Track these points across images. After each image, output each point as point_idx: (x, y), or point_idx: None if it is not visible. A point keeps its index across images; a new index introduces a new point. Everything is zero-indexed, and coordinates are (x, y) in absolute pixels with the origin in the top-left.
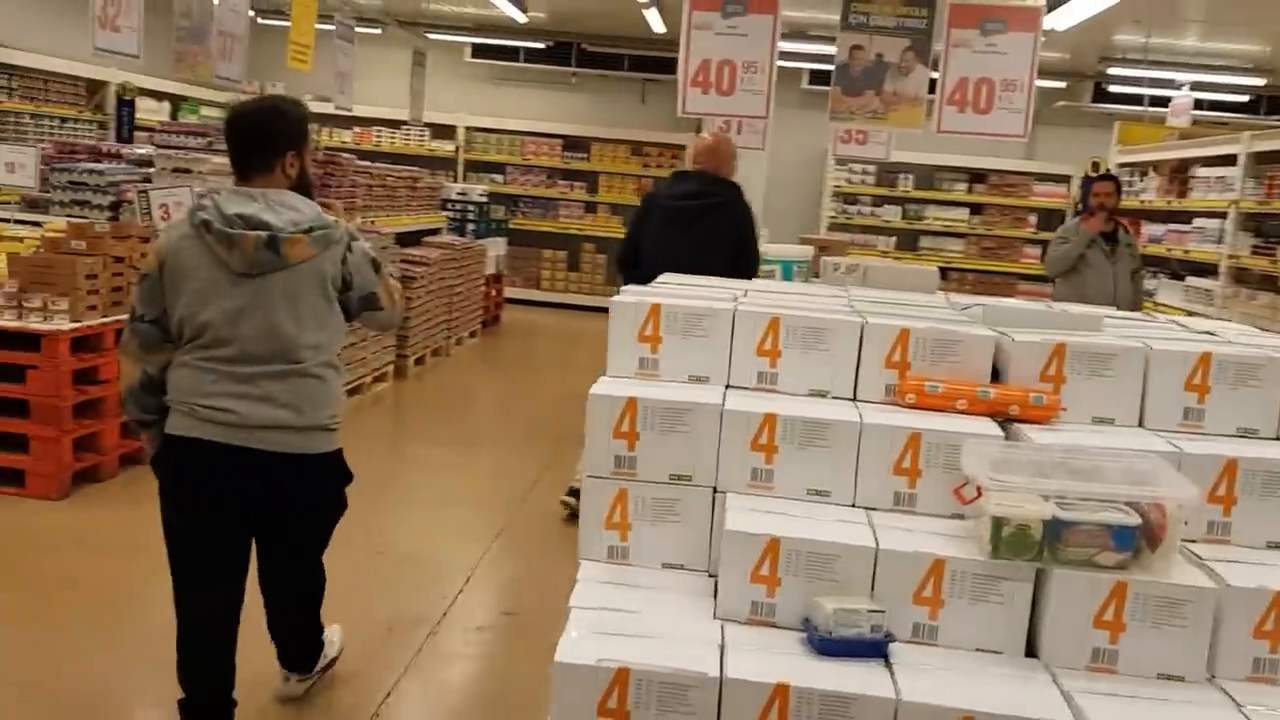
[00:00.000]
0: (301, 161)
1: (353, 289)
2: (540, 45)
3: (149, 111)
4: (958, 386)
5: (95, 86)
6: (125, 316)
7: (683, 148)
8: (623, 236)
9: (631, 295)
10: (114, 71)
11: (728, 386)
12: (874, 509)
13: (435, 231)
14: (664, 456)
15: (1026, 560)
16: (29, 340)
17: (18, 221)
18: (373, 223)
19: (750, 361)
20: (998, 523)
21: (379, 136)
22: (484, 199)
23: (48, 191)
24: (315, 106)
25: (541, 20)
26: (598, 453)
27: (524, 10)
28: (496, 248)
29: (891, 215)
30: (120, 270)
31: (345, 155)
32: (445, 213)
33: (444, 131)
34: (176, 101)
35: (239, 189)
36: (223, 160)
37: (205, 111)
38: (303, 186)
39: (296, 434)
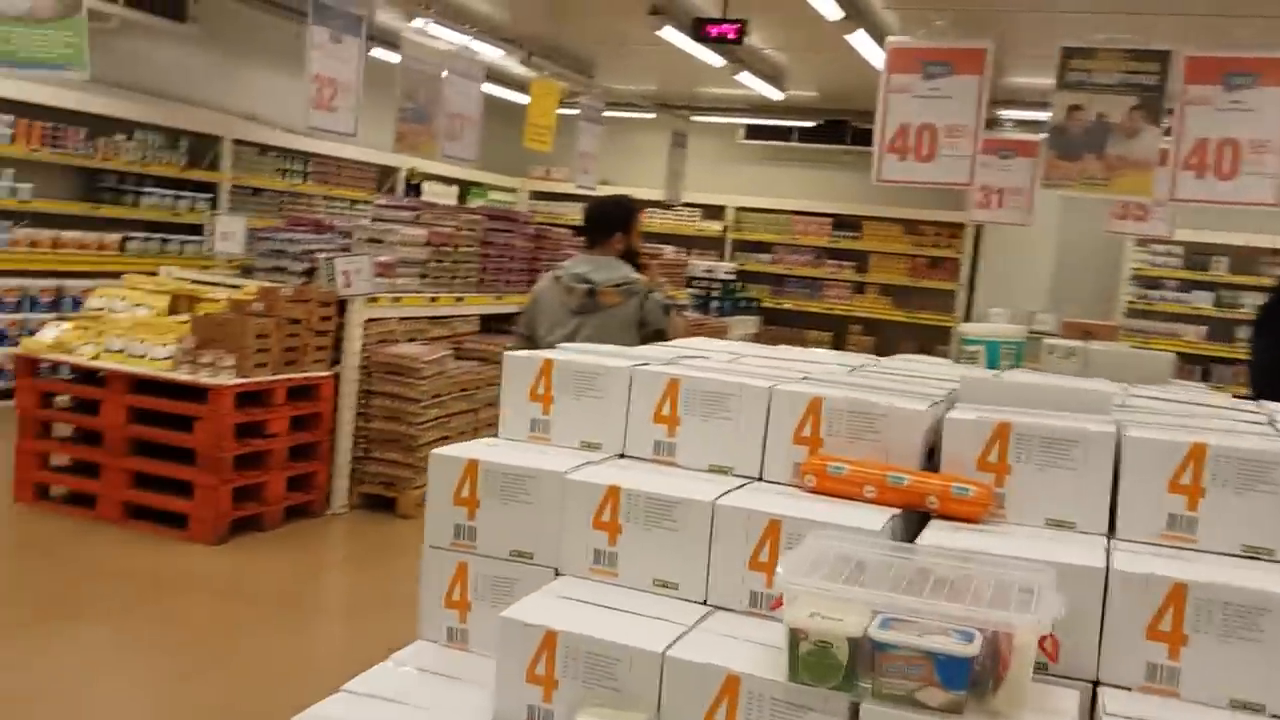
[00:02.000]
0: (627, 239)
1: (647, 325)
2: (811, 124)
3: (436, 195)
4: (867, 470)
5: (388, 172)
6: (298, 375)
7: (960, 226)
8: (892, 318)
9: (527, 351)
10: (405, 159)
11: (621, 456)
12: (726, 608)
13: (684, 307)
14: (505, 529)
15: (832, 688)
16: (198, 394)
17: (226, 285)
18: None
19: (646, 429)
20: (794, 636)
21: (649, 217)
22: (730, 276)
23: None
24: (604, 190)
25: (812, 99)
26: (438, 520)
27: (781, 89)
28: (744, 326)
29: (1202, 302)
30: (296, 332)
31: (559, 229)
32: (690, 290)
33: (714, 211)
34: (466, 186)
35: (585, 256)
36: (411, 232)
37: (495, 196)
38: (628, 256)
39: None
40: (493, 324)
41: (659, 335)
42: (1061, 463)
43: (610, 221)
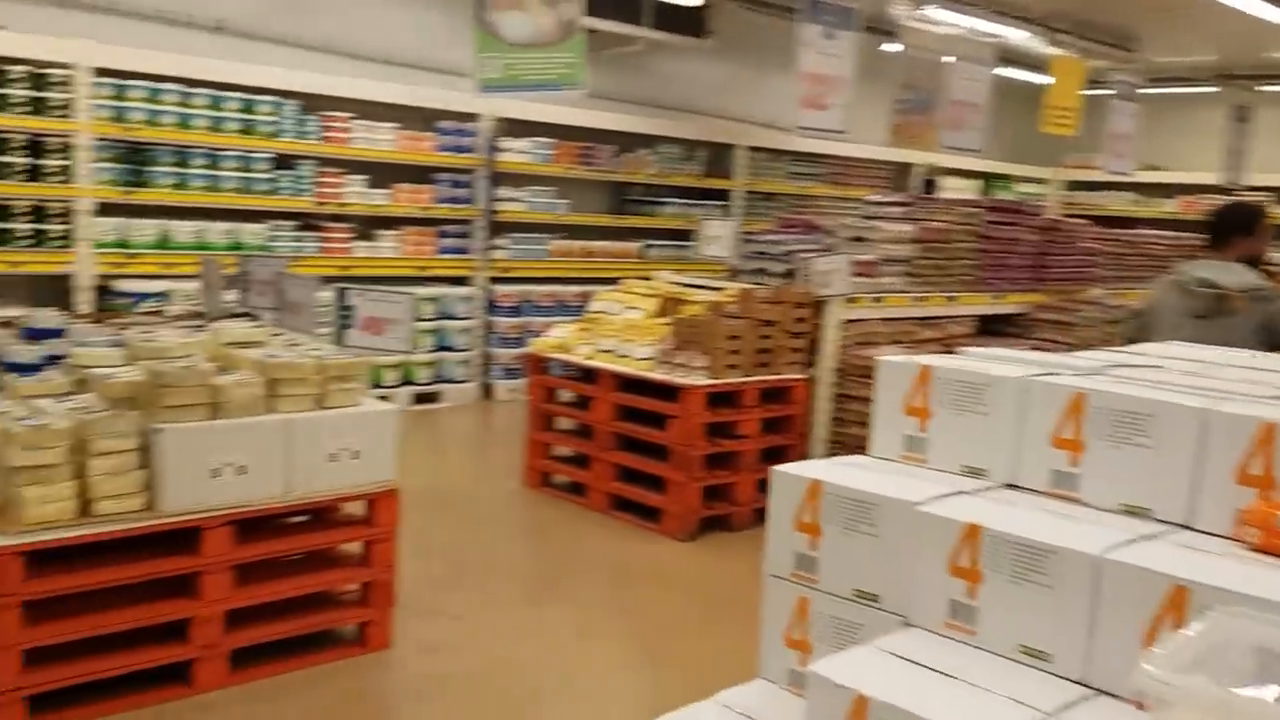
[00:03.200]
0: (1250, 243)
1: (1275, 334)
2: None
3: (955, 190)
4: None
5: (903, 170)
6: (770, 377)
7: None
8: None
9: (903, 356)
10: (920, 155)
11: (1009, 486)
12: (1109, 693)
13: None
14: (849, 563)
15: None
16: (673, 393)
17: (711, 288)
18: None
19: (1043, 454)
20: None
21: (1209, 204)
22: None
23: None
24: (1142, 175)
25: None
26: (778, 546)
27: None
28: None
29: None
30: (769, 334)
31: (1075, 220)
32: None
33: None
34: (989, 180)
35: (1205, 260)
36: (897, 228)
37: (1023, 190)
38: (1250, 260)
39: None
40: (993, 326)
41: None
42: None
43: (1230, 225)
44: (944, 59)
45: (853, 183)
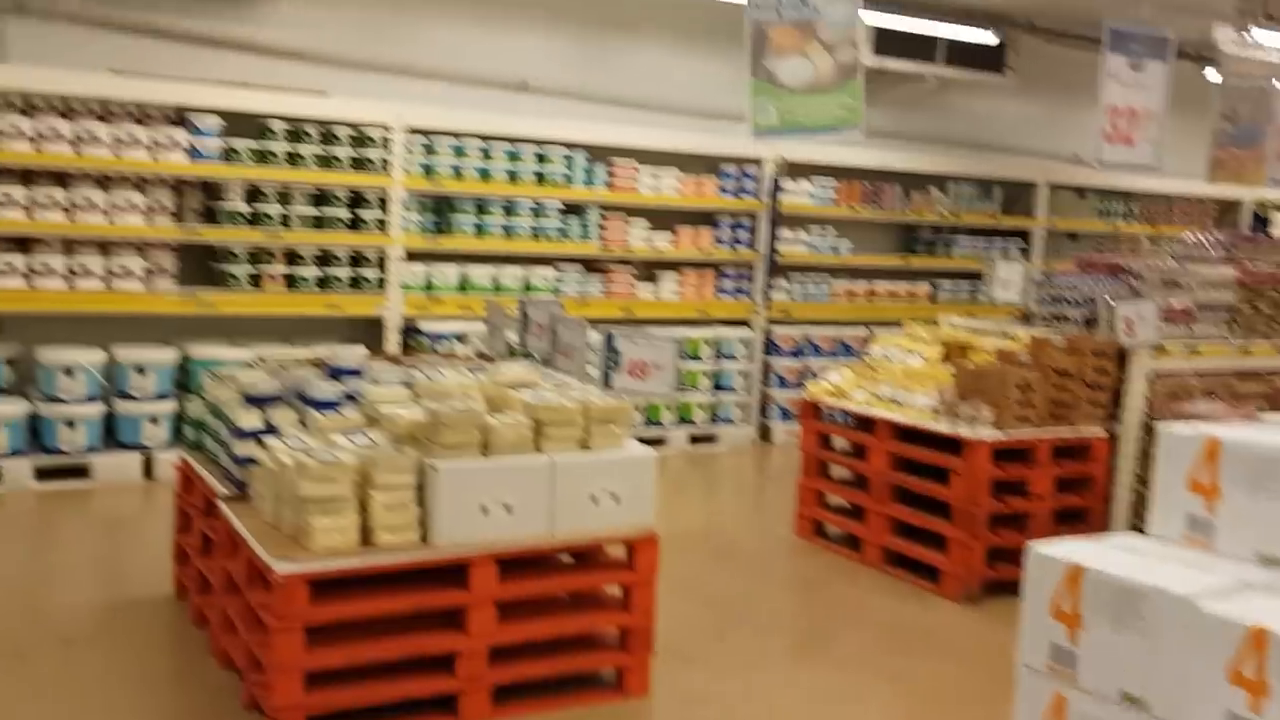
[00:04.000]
0: None
1: None
2: None
3: None
4: None
5: (1229, 206)
6: (1064, 431)
7: None
8: None
9: (1188, 425)
10: (1250, 190)
11: None
12: None
13: None
14: (1114, 661)
15: None
16: (956, 445)
17: (1001, 333)
18: None
19: None
20: None
21: None
22: None
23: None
24: None
25: None
26: (1034, 633)
27: None
28: None
29: None
30: (1065, 385)
31: None
32: None
33: None
34: None
35: None
36: (1215, 272)
37: None
38: None
39: None
40: None
41: None
42: None
43: None
44: (1272, 85)
45: (1172, 220)
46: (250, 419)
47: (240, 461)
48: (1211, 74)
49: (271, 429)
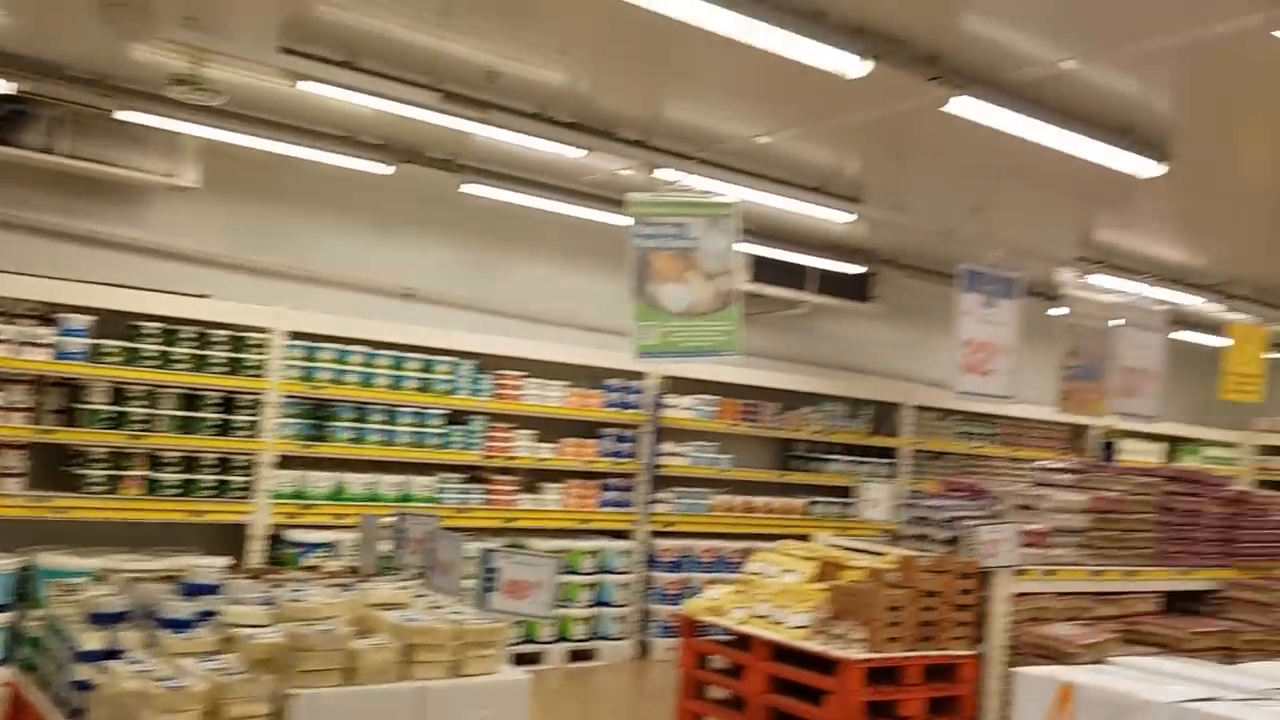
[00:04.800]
0: None
1: None
2: None
3: (1136, 454)
4: None
5: (1079, 430)
6: (935, 652)
7: None
8: None
9: (1041, 668)
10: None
11: None
12: None
13: None
14: None
15: None
16: (828, 665)
17: (872, 552)
18: None
19: None
20: None
21: None
22: None
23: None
24: None
25: None
26: None
27: None
28: None
29: None
30: (933, 605)
31: (1266, 493)
32: None
33: None
34: (1175, 443)
35: None
36: (1068, 497)
37: (1212, 454)
38: None
39: None
40: (1181, 603)
41: None
42: None
43: None
44: (1112, 324)
45: (1027, 443)
46: (93, 639)
47: (79, 686)
48: (1062, 309)
49: (116, 651)
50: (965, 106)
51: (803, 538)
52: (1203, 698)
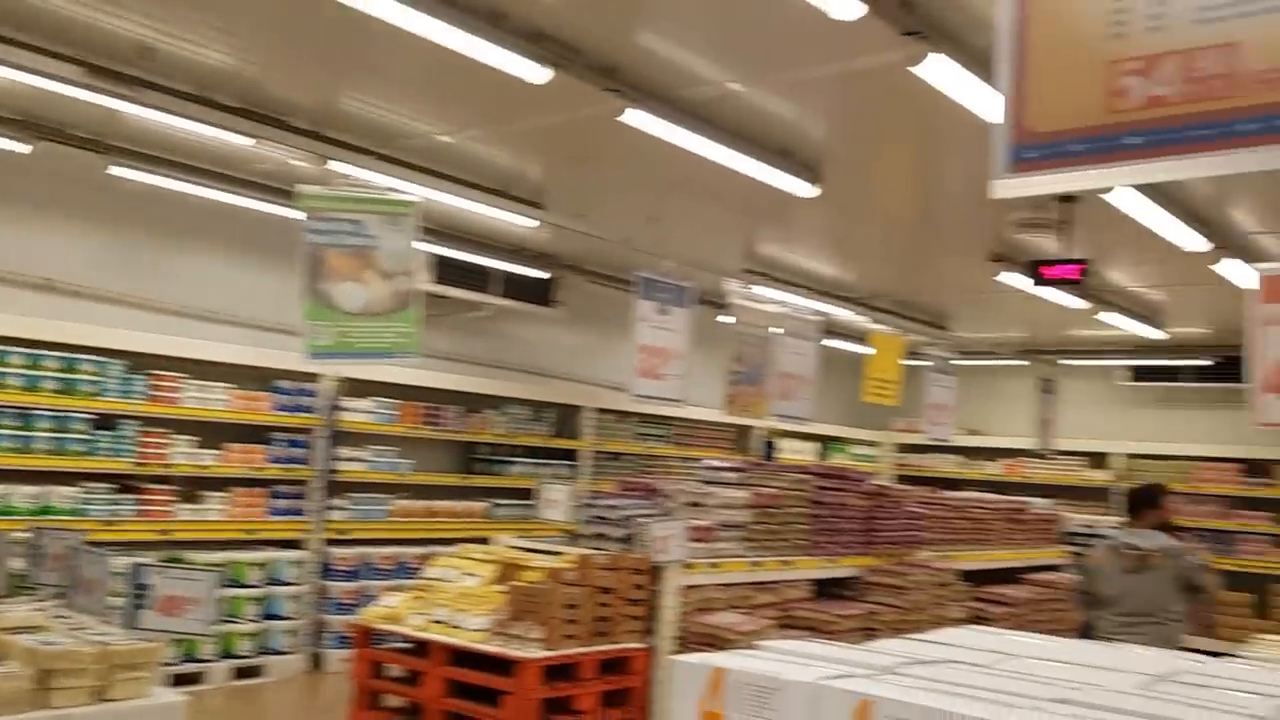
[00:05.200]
0: (1159, 514)
1: (1189, 582)
2: (1205, 362)
3: (795, 452)
4: None
5: (745, 431)
6: (609, 647)
7: None
8: None
9: (695, 655)
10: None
11: None
12: None
13: (1055, 567)
14: None
15: None
16: (506, 666)
17: (551, 552)
18: (944, 556)
19: None
20: None
21: (1028, 468)
22: (1115, 530)
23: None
24: (962, 440)
25: (1204, 335)
26: None
27: (1161, 328)
28: None
29: None
30: (608, 601)
31: (901, 487)
32: (1070, 547)
33: (1098, 459)
34: (827, 442)
35: (1129, 529)
36: (731, 494)
37: (857, 451)
38: (1163, 527)
39: None
40: (830, 589)
41: (1198, 590)
42: None
43: (1143, 501)
44: (772, 332)
45: (698, 444)
46: None
47: None
48: (729, 318)
49: None
50: (639, 119)
51: (484, 541)
52: (836, 675)
